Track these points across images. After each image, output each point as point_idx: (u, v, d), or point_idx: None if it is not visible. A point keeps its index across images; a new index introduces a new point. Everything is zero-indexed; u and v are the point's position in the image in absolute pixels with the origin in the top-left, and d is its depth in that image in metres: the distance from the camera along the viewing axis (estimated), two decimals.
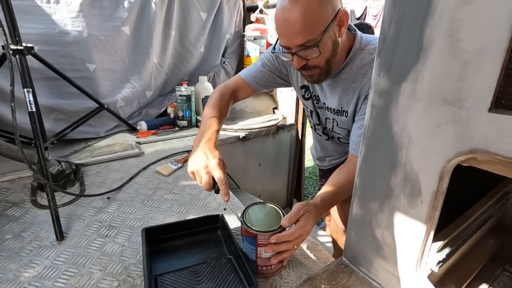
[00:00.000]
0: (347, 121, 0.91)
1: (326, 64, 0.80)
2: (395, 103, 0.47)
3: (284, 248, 0.61)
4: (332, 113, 0.94)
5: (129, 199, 0.92)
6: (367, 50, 0.83)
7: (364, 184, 0.56)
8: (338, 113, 0.92)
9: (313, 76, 0.84)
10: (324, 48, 0.76)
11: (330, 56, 0.79)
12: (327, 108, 0.95)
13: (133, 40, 1.35)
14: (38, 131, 0.77)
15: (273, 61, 0.99)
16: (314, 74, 0.83)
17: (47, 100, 1.16)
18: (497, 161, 0.38)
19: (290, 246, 0.62)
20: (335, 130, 0.99)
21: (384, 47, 0.47)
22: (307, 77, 0.87)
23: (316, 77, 0.84)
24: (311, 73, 0.83)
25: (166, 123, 1.49)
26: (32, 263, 0.68)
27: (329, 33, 0.74)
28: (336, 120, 0.95)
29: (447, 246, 0.52)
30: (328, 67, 0.81)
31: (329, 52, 0.78)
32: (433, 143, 0.43)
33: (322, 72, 0.82)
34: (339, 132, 0.98)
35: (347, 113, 0.89)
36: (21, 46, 0.81)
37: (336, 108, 0.92)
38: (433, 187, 0.44)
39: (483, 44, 0.35)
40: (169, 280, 0.60)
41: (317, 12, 0.70)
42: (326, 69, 0.82)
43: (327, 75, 0.84)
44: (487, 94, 0.36)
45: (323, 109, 0.98)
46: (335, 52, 0.79)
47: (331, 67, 0.82)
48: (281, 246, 0.61)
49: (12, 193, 0.91)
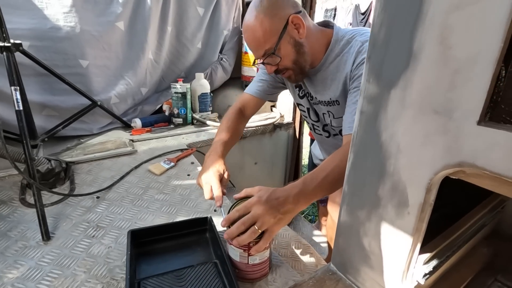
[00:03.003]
0: (341, 108, 0.92)
1: (294, 65, 0.86)
2: (384, 111, 0.45)
3: (236, 231, 0.59)
4: (325, 105, 0.96)
5: (119, 198, 0.91)
6: (345, 40, 0.87)
7: (353, 192, 0.55)
8: (330, 104, 0.94)
9: (290, 77, 0.90)
10: (285, 52, 0.83)
11: (295, 57, 0.85)
12: (320, 102, 0.97)
13: (127, 35, 1.32)
14: (25, 129, 0.76)
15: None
16: (290, 76, 0.90)
17: (39, 96, 1.15)
18: (486, 176, 0.36)
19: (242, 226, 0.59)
20: (333, 124, 0.99)
21: (374, 52, 0.45)
22: (287, 79, 0.95)
23: (293, 77, 0.90)
24: (286, 75, 0.90)
25: (161, 121, 1.48)
26: (17, 263, 0.67)
27: (285, 39, 0.81)
28: (332, 112, 0.96)
29: (434, 258, 0.50)
30: (299, 66, 0.87)
31: (293, 54, 0.84)
32: (421, 154, 0.41)
33: (295, 72, 0.88)
34: (338, 125, 0.98)
35: (339, 102, 0.92)
36: (9, 43, 0.79)
37: (327, 100, 0.94)
38: (420, 199, 0.42)
39: (473, 53, 0.33)
40: (152, 285, 0.59)
41: (265, 27, 0.80)
42: (298, 68, 0.87)
43: (302, 73, 0.90)
44: (476, 106, 0.34)
45: (317, 104, 1.00)
46: (299, 52, 0.85)
47: (302, 65, 0.87)
48: (232, 229, 0.59)
49: (1, 191, 0.90)
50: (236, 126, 1.02)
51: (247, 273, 0.63)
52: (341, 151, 0.73)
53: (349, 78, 0.85)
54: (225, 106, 1.73)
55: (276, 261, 0.71)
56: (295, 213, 0.67)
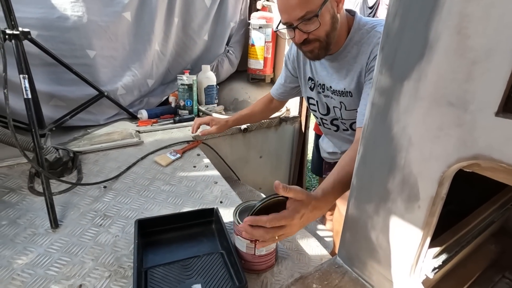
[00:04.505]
0: (353, 100, 0.92)
1: (326, 37, 0.83)
2: (396, 103, 0.44)
3: (258, 236, 0.53)
4: (338, 95, 0.95)
5: (125, 189, 0.92)
6: (365, 29, 0.86)
7: (361, 185, 0.54)
8: (344, 94, 0.93)
9: (313, 51, 0.86)
10: (323, 20, 0.79)
11: (329, 30, 0.82)
12: (333, 91, 0.96)
13: (134, 26, 1.32)
14: (33, 118, 0.76)
15: (287, 59, 1.09)
16: (314, 49, 0.85)
17: (47, 86, 1.15)
18: (501, 169, 0.35)
19: (266, 236, 0.53)
20: (344, 117, 0.99)
21: (388, 42, 0.44)
22: (307, 53, 0.89)
23: (316, 52, 0.86)
24: (311, 47, 0.85)
25: (167, 112, 1.48)
26: (26, 250, 0.68)
27: (327, 6, 0.78)
28: (344, 103, 0.95)
29: (444, 252, 0.50)
30: (328, 40, 0.84)
31: (328, 25, 0.81)
32: (434, 147, 0.40)
33: (321, 45, 0.85)
34: (349, 117, 0.98)
35: (351, 94, 0.91)
36: (17, 31, 0.79)
37: (341, 90, 0.93)
38: (432, 193, 0.42)
39: (492, 43, 0.32)
40: (159, 273, 0.59)
41: None
42: (326, 42, 0.84)
43: (326, 50, 0.86)
44: (494, 97, 0.33)
45: (328, 97, 0.99)
46: (334, 27, 0.82)
47: (330, 41, 0.84)
48: (255, 231, 0.53)
49: (10, 179, 0.91)
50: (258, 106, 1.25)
51: (254, 264, 0.63)
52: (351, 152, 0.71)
53: (364, 70, 0.84)
54: (231, 99, 1.72)
55: (282, 253, 0.71)
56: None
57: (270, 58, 1.69)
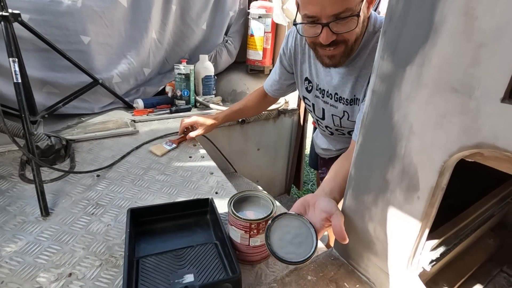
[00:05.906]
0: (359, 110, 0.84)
1: (353, 42, 0.73)
2: (398, 89, 0.43)
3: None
4: (345, 103, 0.86)
5: (119, 178, 0.90)
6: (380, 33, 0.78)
7: (359, 176, 0.53)
8: (352, 102, 0.84)
9: (334, 56, 0.74)
10: (359, 21, 0.67)
11: (359, 34, 0.72)
12: (339, 99, 0.86)
13: (130, 13, 1.28)
14: (23, 103, 0.74)
15: (283, 55, 0.99)
16: (337, 54, 0.74)
17: (40, 72, 1.12)
18: (505, 158, 0.34)
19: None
20: (344, 125, 0.91)
21: (390, 26, 0.42)
22: (325, 58, 0.77)
23: (338, 58, 0.75)
24: (335, 52, 0.73)
25: (163, 102, 1.45)
26: (15, 238, 0.66)
27: (364, 7, 0.67)
28: (348, 112, 0.87)
29: (442, 244, 0.49)
30: (354, 46, 0.74)
31: (360, 28, 0.70)
32: (435, 135, 0.39)
33: (346, 51, 0.74)
34: (349, 126, 0.90)
35: (359, 101, 0.82)
36: (6, 12, 0.76)
37: (350, 98, 0.84)
38: (432, 183, 0.40)
39: (502, 24, 0.31)
40: (151, 263, 0.58)
41: None
42: (351, 48, 0.74)
43: (348, 57, 0.76)
44: (501, 82, 0.31)
45: (328, 104, 0.90)
46: (362, 31, 0.72)
47: (354, 48, 0.75)
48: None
49: (1, 166, 0.89)
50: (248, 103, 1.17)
51: (248, 255, 0.62)
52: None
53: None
54: (229, 90, 1.70)
55: None
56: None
57: (269, 49, 1.66)
